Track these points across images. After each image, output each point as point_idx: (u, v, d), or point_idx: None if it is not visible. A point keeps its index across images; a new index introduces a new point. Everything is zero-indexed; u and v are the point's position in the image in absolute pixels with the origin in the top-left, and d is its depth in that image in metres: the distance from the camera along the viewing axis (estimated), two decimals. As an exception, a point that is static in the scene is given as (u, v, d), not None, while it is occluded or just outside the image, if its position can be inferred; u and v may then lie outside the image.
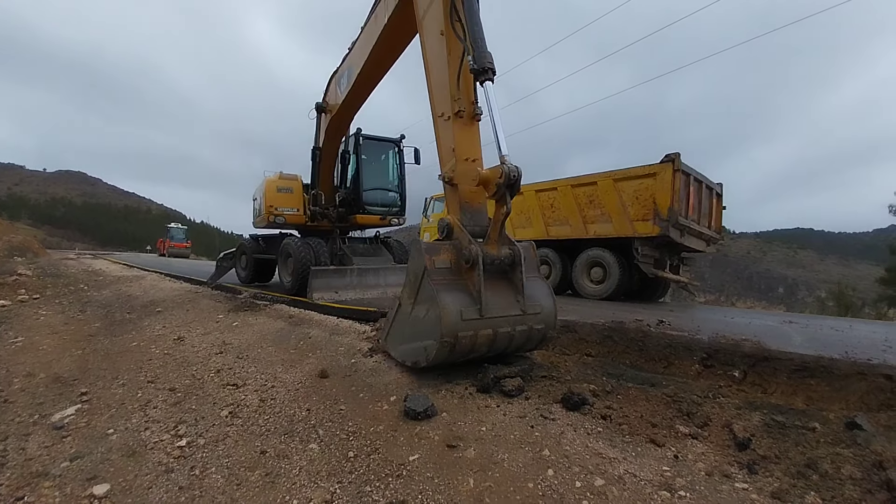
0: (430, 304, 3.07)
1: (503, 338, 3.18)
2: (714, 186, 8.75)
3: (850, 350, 3.64)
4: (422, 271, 3.18)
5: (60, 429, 3.00)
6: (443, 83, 3.71)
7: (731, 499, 1.88)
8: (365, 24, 5.72)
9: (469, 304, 3.04)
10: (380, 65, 5.81)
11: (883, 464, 1.95)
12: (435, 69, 3.85)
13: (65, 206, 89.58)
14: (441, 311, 2.93)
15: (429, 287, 3.10)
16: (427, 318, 3.12)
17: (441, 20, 3.73)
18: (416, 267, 3.30)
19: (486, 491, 2.05)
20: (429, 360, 3.10)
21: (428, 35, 3.97)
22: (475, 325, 3.01)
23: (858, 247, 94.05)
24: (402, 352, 3.53)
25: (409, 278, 3.40)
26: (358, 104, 6.76)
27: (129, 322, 6.15)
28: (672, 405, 2.74)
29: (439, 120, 3.76)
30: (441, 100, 3.73)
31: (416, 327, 3.28)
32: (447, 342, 2.95)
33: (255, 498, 2.19)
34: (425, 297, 3.16)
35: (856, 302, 15.06)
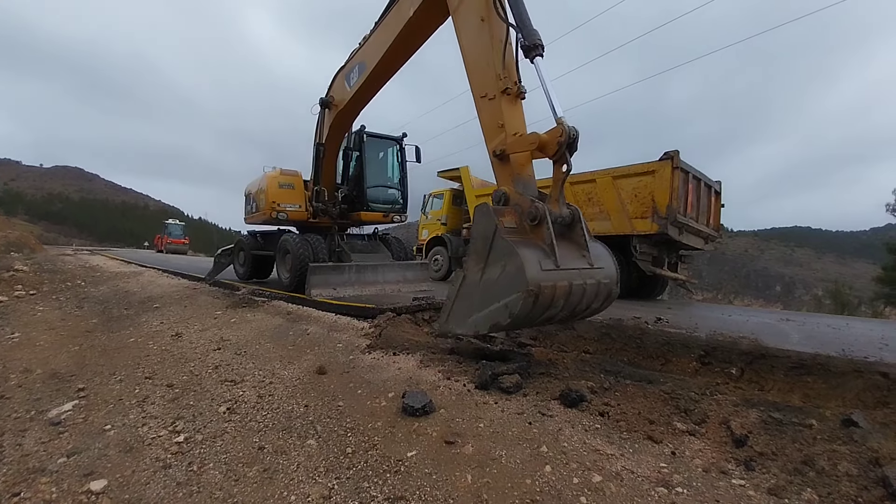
0: (507, 259, 3.04)
1: (577, 291, 3.16)
2: (712, 184, 8.75)
3: (847, 348, 3.65)
4: (492, 231, 3.18)
5: (57, 424, 2.99)
6: (485, 65, 3.84)
7: (729, 495, 1.89)
8: (381, 19, 5.68)
9: (543, 257, 3.04)
10: (398, 58, 5.78)
11: (879, 460, 1.96)
12: (475, 53, 3.97)
13: (62, 201, 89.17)
14: (522, 262, 2.90)
15: (503, 243, 3.09)
16: (504, 275, 3.06)
17: (481, 7, 3.88)
18: (484, 229, 3.26)
19: (484, 487, 2.05)
20: (512, 315, 2.96)
21: (465, 22, 4.09)
22: (553, 276, 3.00)
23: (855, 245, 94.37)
24: (474, 322, 3.31)
25: (476, 244, 3.34)
26: (368, 98, 6.72)
27: (127, 318, 6.13)
28: (670, 402, 2.75)
29: (482, 101, 3.88)
30: (483, 81, 3.85)
31: (490, 290, 3.18)
32: (531, 291, 2.88)
33: (252, 493, 2.18)
34: (499, 255, 3.11)
35: (852, 300, 15.12)
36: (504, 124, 3.64)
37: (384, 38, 5.57)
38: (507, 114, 3.67)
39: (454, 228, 12.39)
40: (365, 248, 8.46)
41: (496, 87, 3.71)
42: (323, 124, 7.34)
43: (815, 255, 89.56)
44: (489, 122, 3.81)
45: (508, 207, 3.42)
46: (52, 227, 62.47)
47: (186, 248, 35.03)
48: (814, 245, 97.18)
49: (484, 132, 3.89)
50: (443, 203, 12.76)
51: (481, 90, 3.89)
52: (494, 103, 3.75)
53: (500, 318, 3.07)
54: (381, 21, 5.70)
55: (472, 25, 3.98)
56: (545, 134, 3.31)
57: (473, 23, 3.97)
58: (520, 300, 2.91)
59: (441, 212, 12.76)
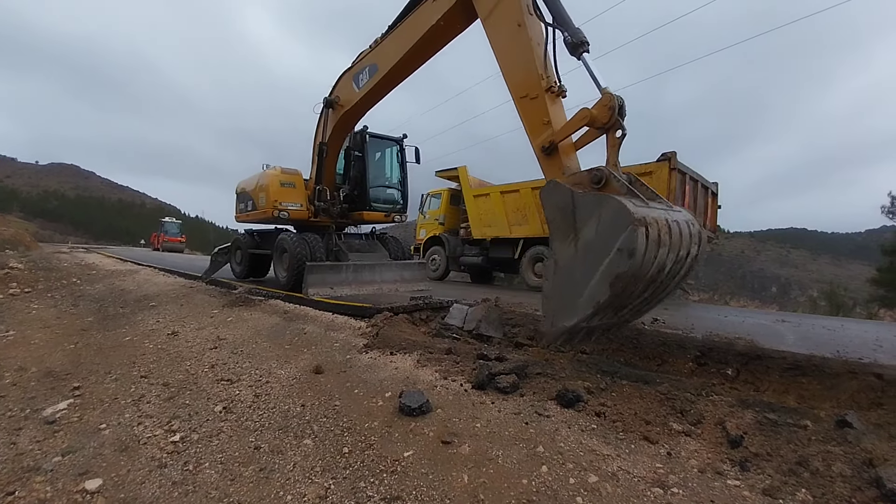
0: (599, 206, 2.95)
1: (675, 228, 2.99)
2: (709, 185, 8.79)
3: (842, 349, 3.67)
4: (569, 196, 3.15)
5: (52, 423, 2.97)
6: (525, 67, 3.91)
7: (724, 496, 1.90)
8: (397, 23, 5.66)
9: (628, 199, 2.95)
10: (414, 62, 5.77)
11: (873, 461, 1.97)
12: (514, 56, 4.04)
13: (57, 199, 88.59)
14: (618, 200, 2.83)
15: (587, 198, 3.05)
16: (602, 223, 2.92)
17: (518, 14, 3.94)
18: (559, 200, 3.23)
19: (481, 487, 2.05)
20: (632, 255, 2.72)
21: (500, 28, 4.15)
22: (649, 212, 2.89)
23: (851, 247, 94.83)
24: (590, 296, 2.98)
25: (556, 221, 3.25)
26: (376, 100, 6.70)
27: (123, 316, 6.11)
28: (666, 403, 2.76)
29: (523, 101, 3.95)
30: (525, 82, 3.93)
31: (594, 249, 2.98)
32: (640, 220, 2.75)
33: (248, 493, 2.18)
34: (589, 210, 3.02)
35: (847, 302, 15.18)
36: (550, 121, 3.72)
37: (402, 42, 5.55)
38: (552, 111, 3.75)
39: (452, 228, 12.40)
40: (362, 248, 8.45)
41: (539, 87, 3.80)
42: (326, 124, 7.32)
43: (811, 256, 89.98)
44: (534, 120, 3.88)
45: (569, 181, 3.41)
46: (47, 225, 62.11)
47: (183, 246, 34.87)
48: (809, 246, 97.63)
49: (528, 130, 3.96)
50: (441, 203, 12.76)
51: (522, 91, 3.96)
52: (538, 102, 3.83)
53: (619, 266, 2.80)
54: (397, 24, 5.68)
55: (509, 31, 4.04)
56: (593, 108, 3.41)
57: (510, 28, 4.03)
58: (635, 234, 2.71)
59: (439, 211, 12.76)
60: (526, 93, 3.92)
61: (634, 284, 2.93)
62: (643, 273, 2.87)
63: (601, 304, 2.94)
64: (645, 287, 3.03)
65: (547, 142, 3.68)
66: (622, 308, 3.16)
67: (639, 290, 3.03)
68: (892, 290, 13.06)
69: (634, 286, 2.95)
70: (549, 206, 3.38)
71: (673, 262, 3.04)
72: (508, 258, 10.56)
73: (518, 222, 10.08)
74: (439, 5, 4.85)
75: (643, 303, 3.25)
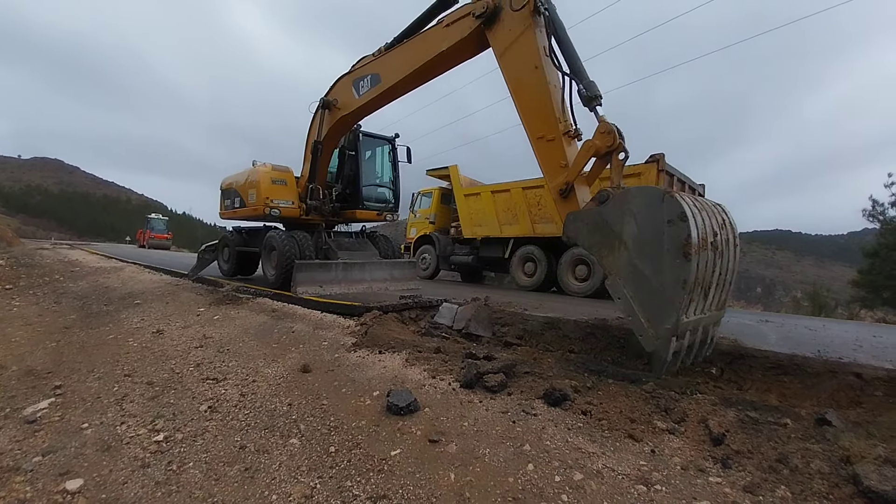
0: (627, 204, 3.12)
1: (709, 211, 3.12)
2: (696, 187, 8.91)
3: (823, 349, 3.75)
4: (594, 213, 3.35)
5: (33, 423, 2.92)
6: (545, 108, 3.99)
7: (705, 492, 1.93)
8: (405, 37, 5.60)
9: None
10: (418, 80, 5.72)
11: (850, 459, 2.02)
12: (531, 98, 4.10)
13: (40, 194, 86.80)
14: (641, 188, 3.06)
15: (612, 205, 3.22)
16: (641, 214, 3.03)
17: (535, 56, 4.01)
18: (588, 222, 3.42)
19: (467, 485, 2.06)
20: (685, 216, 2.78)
21: (516, 69, 4.21)
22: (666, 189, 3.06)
23: (834, 249, 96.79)
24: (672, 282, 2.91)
25: (595, 238, 3.36)
26: (377, 108, 6.62)
27: (106, 314, 6.01)
28: (651, 401, 2.79)
29: (540, 142, 4.03)
30: (542, 124, 4.01)
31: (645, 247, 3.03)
32: (667, 190, 2.90)
33: (233, 493, 2.16)
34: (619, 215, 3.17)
35: (829, 302, 15.49)
36: (567, 163, 3.82)
37: (408, 59, 5.49)
38: (569, 153, 3.84)
39: (442, 227, 12.41)
40: (352, 246, 8.41)
41: (556, 130, 3.89)
42: (322, 124, 7.27)
43: (795, 257, 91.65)
44: (550, 163, 3.98)
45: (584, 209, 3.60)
46: (30, 221, 60.84)
47: (169, 243, 34.40)
48: (794, 248, 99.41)
49: (544, 171, 4.06)
50: (431, 201, 12.76)
51: (538, 132, 4.03)
52: (555, 144, 3.92)
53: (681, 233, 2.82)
54: (405, 39, 5.61)
55: (525, 72, 4.11)
56: (594, 138, 3.60)
57: (527, 69, 4.09)
58: (674, 198, 2.83)
59: (430, 210, 12.76)
60: (542, 134, 3.99)
61: (705, 252, 2.93)
62: (704, 235, 2.91)
63: (689, 283, 2.86)
64: (713, 257, 3.06)
65: (563, 184, 3.79)
66: (708, 289, 3.16)
67: (711, 262, 3.06)
68: (872, 291, 13.35)
69: (704, 253, 2.94)
70: (581, 232, 3.50)
71: (718, 227, 3.15)
72: (498, 258, 10.60)
73: (508, 222, 10.12)
74: (451, 34, 4.82)
75: (720, 281, 3.29)
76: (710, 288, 3.18)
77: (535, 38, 4.00)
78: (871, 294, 13.40)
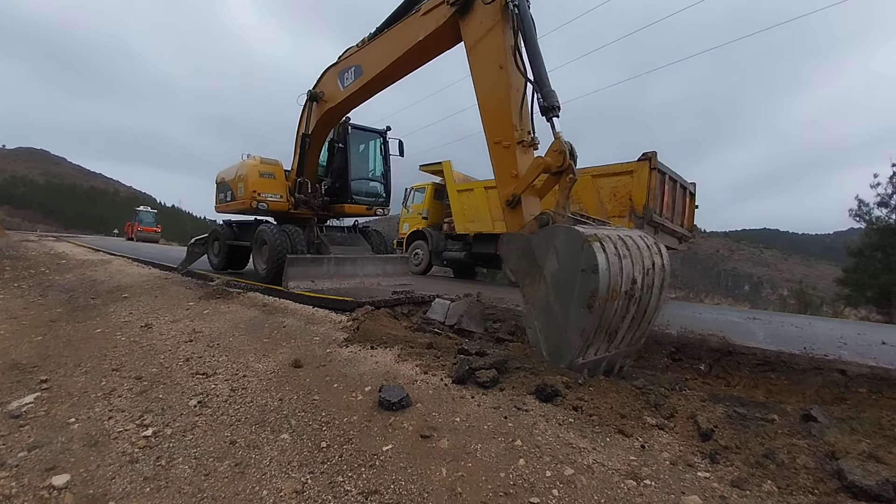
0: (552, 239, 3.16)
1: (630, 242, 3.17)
2: (687, 185, 8.97)
3: (809, 346, 3.81)
4: (524, 240, 3.40)
5: (18, 417, 2.87)
6: (501, 113, 3.93)
7: (694, 487, 1.95)
8: (385, 28, 5.54)
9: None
10: (400, 71, 5.67)
11: (835, 454, 2.06)
12: (492, 99, 4.03)
13: (26, 185, 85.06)
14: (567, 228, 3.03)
15: (540, 238, 3.25)
16: (561, 252, 3.09)
17: (500, 55, 3.91)
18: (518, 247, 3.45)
19: (459, 480, 2.07)
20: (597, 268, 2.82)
21: (482, 66, 4.12)
22: (598, 231, 3.08)
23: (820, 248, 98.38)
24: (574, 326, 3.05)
25: (520, 265, 3.43)
26: (362, 100, 6.58)
27: (94, 308, 5.92)
28: (641, 397, 2.82)
29: (496, 146, 3.96)
30: (499, 128, 3.95)
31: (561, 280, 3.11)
32: (594, 236, 2.95)
33: (223, 488, 2.15)
34: (544, 245, 3.21)
35: (815, 300, 15.76)
36: (517, 174, 3.77)
37: (388, 50, 5.44)
38: (521, 163, 3.79)
39: (435, 222, 12.39)
40: (344, 241, 8.37)
41: (512, 137, 3.82)
42: (310, 116, 7.19)
43: (783, 256, 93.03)
44: (502, 170, 3.94)
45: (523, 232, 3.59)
46: (14, 212, 59.69)
47: (158, 236, 34.00)
48: (781, 247, 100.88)
49: (496, 177, 4.04)
50: (424, 197, 12.73)
51: (496, 136, 3.97)
52: (509, 152, 3.86)
53: (589, 285, 2.91)
54: (385, 29, 5.56)
55: (490, 71, 4.02)
56: (546, 155, 3.59)
57: (491, 68, 4.00)
58: (591, 250, 2.85)
59: (422, 206, 12.73)
60: (500, 139, 3.93)
61: (612, 302, 2.99)
62: (616, 287, 2.96)
63: (587, 331, 3.00)
64: (625, 305, 3.10)
65: (510, 195, 3.79)
66: (614, 334, 3.22)
67: (621, 310, 3.09)
68: (856, 289, 13.60)
69: (613, 304, 3.00)
70: (509, 255, 3.55)
71: (642, 274, 3.15)
72: (491, 254, 10.60)
73: (501, 218, 10.13)
74: (427, 23, 4.77)
75: (633, 324, 3.31)
76: (618, 331, 3.24)
77: (503, 35, 3.91)
78: (856, 292, 13.65)
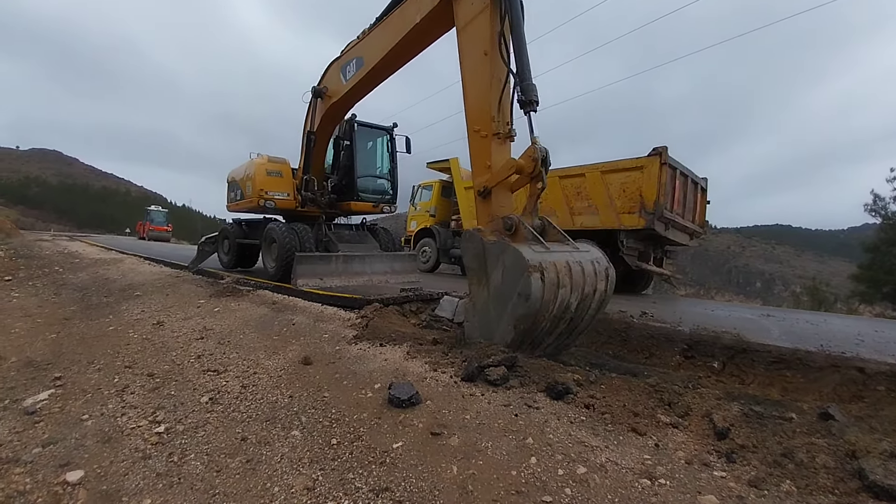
0: (502, 255, 3.28)
1: (577, 269, 3.31)
2: (699, 181, 8.85)
3: (826, 343, 3.74)
4: (480, 245, 3.48)
5: (32, 414, 2.91)
6: (483, 102, 3.92)
7: (710, 486, 1.92)
8: (383, 17, 5.52)
9: (532, 244, 3.33)
10: (399, 59, 5.65)
11: (856, 453, 2.01)
12: (475, 87, 4.02)
13: (39, 185, 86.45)
14: (516, 249, 3.17)
15: (493, 247, 3.38)
16: (506, 270, 3.25)
17: (486, 41, 3.87)
18: (473, 249, 3.55)
19: (470, 478, 2.05)
20: (529, 299, 3.03)
21: (468, 50, 4.09)
22: (548, 256, 3.22)
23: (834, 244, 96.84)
24: (500, 336, 3.36)
25: (472, 266, 3.59)
26: (364, 93, 6.56)
27: (107, 306, 5.99)
28: (654, 395, 2.77)
29: (475, 134, 3.98)
30: (479, 117, 3.95)
31: (500, 293, 3.31)
32: (535, 266, 3.07)
33: (235, 485, 2.15)
34: (495, 258, 3.36)
35: (829, 297, 15.52)
36: (491, 165, 3.80)
37: (386, 38, 5.42)
38: (495, 155, 3.82)
39: (443, 220, 12.36)
40: (353, 239, 8.38)
41: (489, 128, 3.82)
42: (315, 113, 7.20)
43: (795, 252, 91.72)
44: (478, 160, 3.96)
45: (488, 229, 3.71)
46: (29, 212, 60.72)
47: (169, 235, 34.38)
48: (794, 243, 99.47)
49: (472, 165, 4.06)
50: (432, 194, 12.70)
51: (475, 125, 3.97)
52: (485, 142, 3.86)
53: (519, 309, 3.14)
54: (383, 18, 5.54)
55: (475, 57, 4.00)
56: (520, 158, 3.62)
57: (476, 54, 3.98)
58: (529, 280, 3.01)
59: (430, 203, 12.70)
60: (479, 128, 3.94)
61: (537, 324, 3.20)
62: (544, 313, 3.16)
63: (510, 344, 3.26)
64: (553, 325, 3.31)
65: (482, 186, 3.85)
66: (538, 344, 3.42)
67: (547, 328, 3.31)
68: (871, 286, 13.36)
69: (538, 326, 3.22)
70: (466, 253, 3.68)
71: (578, 300, 3.34)
72: (500, 251, 10.57)
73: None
74: (423, 4, 4.73)
75: (561, 336, 3.52)
76: (543, 342, 3.44)
77: (491, 20, 3.85)
78: (871, 289, 13.41)
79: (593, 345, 4.44)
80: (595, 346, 4.44)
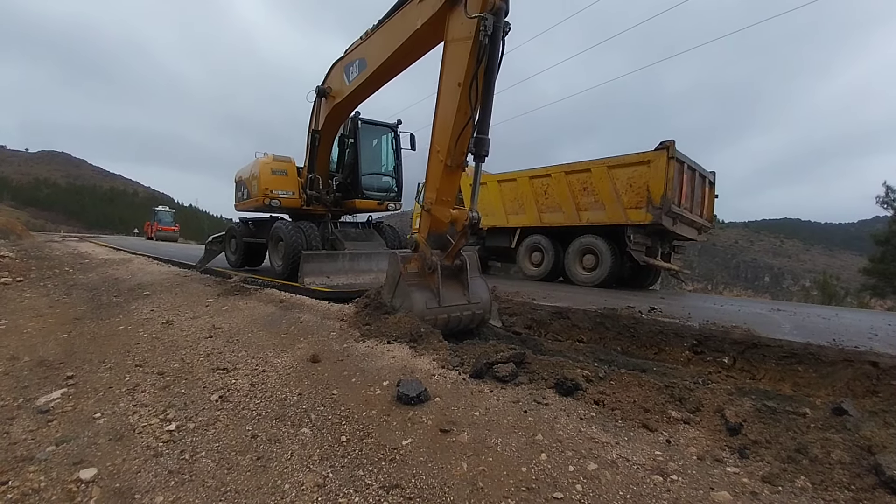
0: (405, 298, 4.16)
1: (455, 320, 4.30)
2: (707, 175, 8.77)
3: (838, 337, 3.69)
4: (398, 277, 4.25)
5: (45, 413, 2.93)
6: (446, 129, 4.15)
7: (723, 482, 1.90)
8: (386, 19, 5.49)
9: (431, 297, 4.14)
10: (402, 61, 5.62)
11: (872, 448, 1.98)
12: (444, 112, 4.22)
13: (48, 187, 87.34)
14: (412, 303, 4.04)
15: (403, 288, 4.20)
16: (403, 307, 4.14)
17: (462, 71, 3.99)
18: (393, 272, 4.35)
19: (480, 475, 2.04)
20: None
21: (448, 70, 4.23)
22: (435, 312, 4.12)
23: (843, 237, 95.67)
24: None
25: (390, 281, 4.38)
26: (367, 95, 6.55)
27: (116, 305, 6.04)
28: (664, 391, 2.75)
29: (435, 155, 4.30)
30: (440, 141, 4.23)
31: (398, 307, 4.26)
32: (420, 316, 4.00)
33: (246, 482, 2.16)
34: (400, 294, 4.23)
35: (839, 291, 15.33)
36: (439, 188, 4.28)
37: (389, 40, 5.39)
38: (443, 183, 4.29)
39: (448, 217, 12.34)
40: (359, 236, 8.39)
41: (445, 156, 4.13)
42: (319, 112, 7.20)
43: (804, 246, 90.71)
44: (432, 178, 4.38)
45: (416, 255, 4.33)
46: (38, 214, 61.40)
47: (177, 235, 34.65)
48: (802, 237, 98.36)
49: (426, 180, 4.48)
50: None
51: (437, 145, 4.26)
52: (440, 167, 4.23)
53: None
54: (386, 20, 5.52)
55: (451, 82, 4.14)
56: (457, 212, 4.15)
57: (452, 80, 4.13)
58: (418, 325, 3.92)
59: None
60: (439, 150, 4.22)
61: None
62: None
63: None
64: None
65: (427, 204, 4.39)
66: None
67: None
68: (883, 279, 13.19)
69: None
70: (389, 270, 4.42)
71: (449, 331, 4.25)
72: (505, 247, 10.55)
73: (515, 211, 10.05)
74: (424, 9, 4.70)
75: None
76: None
77: (471, 54, 3.89)
78: (882, 282, 13.24)
79: (602, 340, 4.42)
80: (604, 341, 4.41)
